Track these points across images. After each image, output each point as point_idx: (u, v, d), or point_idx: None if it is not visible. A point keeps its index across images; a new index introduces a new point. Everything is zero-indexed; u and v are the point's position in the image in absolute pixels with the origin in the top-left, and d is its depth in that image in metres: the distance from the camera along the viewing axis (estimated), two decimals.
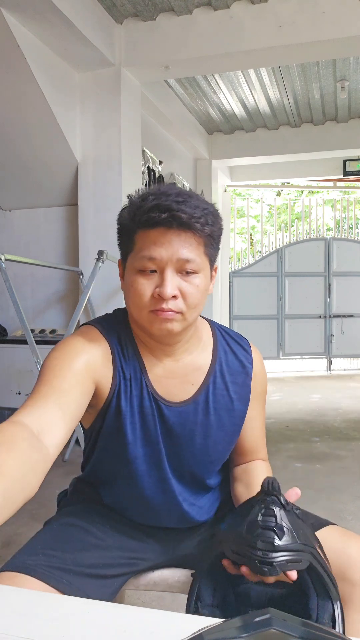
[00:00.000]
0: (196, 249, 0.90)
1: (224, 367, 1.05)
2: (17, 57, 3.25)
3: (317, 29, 3.48)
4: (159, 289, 0.88)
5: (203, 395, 1.02)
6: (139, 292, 0.90)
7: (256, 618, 0.50)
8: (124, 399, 0.97)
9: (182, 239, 0.88)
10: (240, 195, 11.13)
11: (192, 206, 0.87)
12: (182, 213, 0.85)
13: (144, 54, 3.79)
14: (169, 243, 0.87)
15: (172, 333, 0.93)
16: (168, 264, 0.88)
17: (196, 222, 0.87)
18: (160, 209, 0.86)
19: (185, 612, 0.86)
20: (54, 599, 0.74)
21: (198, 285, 0.91)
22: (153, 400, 0.99)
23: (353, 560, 0.94)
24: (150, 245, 0.88)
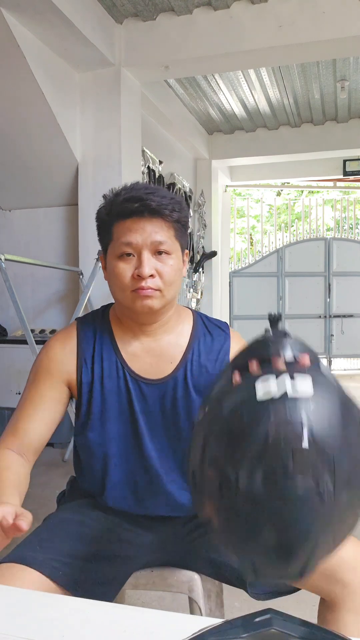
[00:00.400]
0: (167, 232, 1.00)
1: (202, 346, 1.11)
2: (17, 57, 3.25)
3: (317, 29, 3.48)
4: (138, 269, 0.98)
5: (182, 372, 1.07)
6: (120, 275, 1.00)
7: (256, 618, 0.51)
8: (97, 383, 1.05)
9: (154, 224, 0.99)
10: (240, 195, 11.13)
11: (160, 196, 0.99)
12: (151, 202, 0.97)
13: (144, 54, 3.79)
14: (142, 229, 0.98)
15: (153, 310, 1.02)
16: (143, 247, 0.99)
17: (164, 208, 0.98)
18: (132, 200, 0.98)
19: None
20: (54, 599, 0.74)
21: (172, 265, 1.01)
22: (130, 380, 1.05)
23: (344, 561, 0.94)
24: (126, 233, 0.99)
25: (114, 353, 1.07)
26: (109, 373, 1.06)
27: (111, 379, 1.05)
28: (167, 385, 1.07)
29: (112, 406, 1.06)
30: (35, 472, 1.07)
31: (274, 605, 0.56)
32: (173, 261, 1.02)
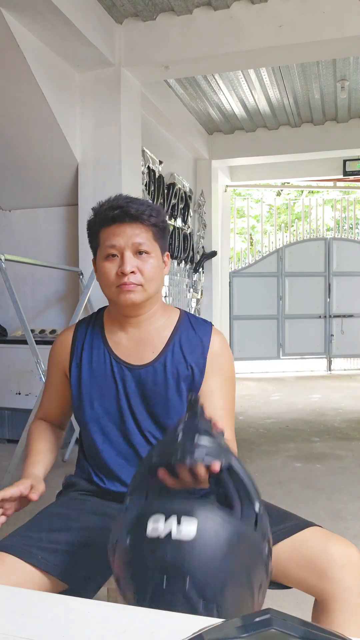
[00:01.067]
0: (146, 235, 1.14)
1: (183, 339, 1.20)
2: (17, 57, 3.25)
3: (317, 29, 3.48)
4: (121, 267, 1.12)
5: (162, 360, 1.18)
6: (107, 273, 1.14)
7: (256, 618, 0.51)
8: (86, 367, 1.19)
9: (134, 228, 1.12)
10: (240, 195, 11.13)
11: (139, 204, 1.13)
12: (130, 208, 1.11)
13: (144, 54, 3.79)
14: (124, 232, 1.12)
15: (135, 302, 1.15)
16: (125, 248, 1.12)
17: (142, 214, 1.12)
18: (114, 208, 1.12)
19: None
20: (54, 599, 0.74)
21: (152, 263, 1.14)
22: (115, 365, 1.18)
23: (334, 560, 0.96)
24: (110, 237, 1.13)
25: (102, 342, 1.21)
26: (97, 359, 1.20)
27: (99, 364, 1.19)
28: (147, 371, 1.17)
29: (100, 387, 1.18)
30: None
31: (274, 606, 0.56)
32: (153, 260, 1.15)
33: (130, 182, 4.02)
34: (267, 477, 3.17)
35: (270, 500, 1.20)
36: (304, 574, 0.98)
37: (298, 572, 0.99)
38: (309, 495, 2.90)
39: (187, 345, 1.19)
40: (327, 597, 0.95)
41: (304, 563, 0.98)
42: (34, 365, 2.96)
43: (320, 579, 0.96)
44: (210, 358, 1.19)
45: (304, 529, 1.03)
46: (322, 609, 0.97)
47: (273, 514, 1.11)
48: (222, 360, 1.21)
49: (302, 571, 0.99)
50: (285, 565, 1.00)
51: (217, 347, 1.21)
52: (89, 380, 1.19)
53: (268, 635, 0.49)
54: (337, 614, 0.94)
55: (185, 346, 1.19)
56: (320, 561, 0.96)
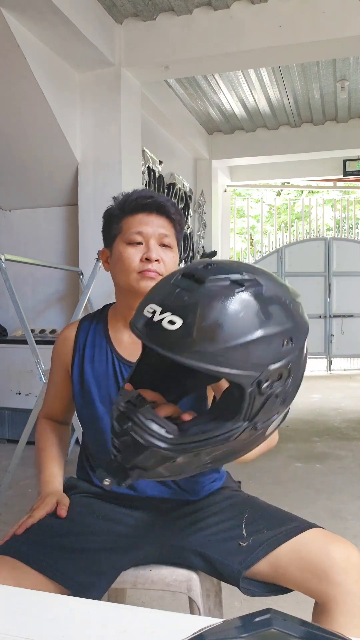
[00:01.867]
0: (170, 229, 1.16)
1: None
2: (17, 57, 3.25)
3: (317, 29, 3.48)
4: (147, 253, 1.12)
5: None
6: (130, 258, 1.13)
7: (256, 618, 0.51)
8: (88, 366, 1.18)
9: (161, 220, 1.15)
10: (240, 195, 11.13)
11: (166, 199, 1.17)
12: (159, 199, 1.15)
13: (144, 54, 3.79)
14: (152, 222, 1.14)
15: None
16: (152, 237, 1.14)
17: (168, 207, 1.16)
18: (144, 197, 1.14)
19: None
20: (54, 599, 0.74)
21: (172, 257, 1.17)
22: (117, 363, 1.17)
23: (335, 562, 0.95)
24: (138, 224, 1.14)
25: (105, 340, 1.20)
26: (99, 357, 1.18)
27: (101, 362, 1.18)
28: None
29: (101, 386, 1.17)
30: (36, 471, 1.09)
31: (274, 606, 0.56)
32: (173, 254, 1.17)
33: (130, 182, 4.02)
34: (267, 477, 3.17)
35: (270, 500, 1.20)
36: (304, 576, 0.98)
37: (299, 574, 0.99)
38: (309, 495, 2.90)
39: None
40: (327, 600, 0.95)
41: (304, 565, 0.98)
42: (34, 365, 2.96)
43: (321, 582, 0.95)
44: None
45: (305, 531, 1.02)
46: (323, 611, 0.96)
47: (274, 516, 1.11)
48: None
49: (303, 573, 0.98)
50: (286, 567, 1.00)
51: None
52: (91, 378, 1.18)
53: (268, 635, 0.48)
54: (338, 617, 0.93)
55: None
56: (322, 563, 0.96)
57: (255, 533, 1.05)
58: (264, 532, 1.05)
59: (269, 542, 1.03)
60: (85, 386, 1.18)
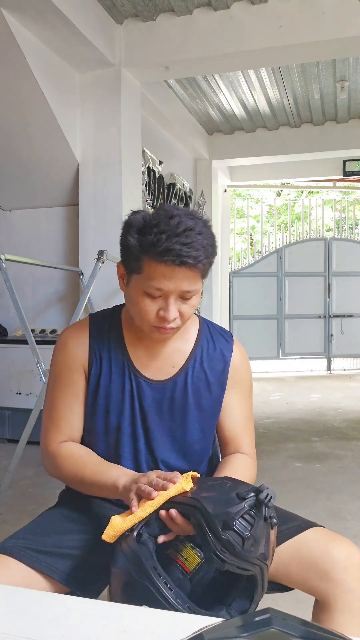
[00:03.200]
0: (195, 280, 1.02)
1: (204, 354, 1.17)
2: (17, 57, 3.25)
3: (317, 29, 3.48)
4: (163, 312, 1.02)
5: (182, 376, 1.14)
6: (145, 310, 1.03)
7: (256, 618, 0.51)
8: (105, 377, 1.12)
9: (186, 275, 1.00)
10: (240, 196, 11.13)
11: (198, 247, 0.97)
12: (189, 258, 0.96)
13: (144, 54, 3.79)
14: (174, 277, 0.99)
15: (167, 340, 1.12)
16: (172, 294, 1.01)
17: (200, 263, 0.98)
18: (170, 254, 0.95)
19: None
20: (54, 599, 0.74)
21: (193, 304, 1.06)
22: (134, 378, 1.12)
23: (336, 561, 0.96)
24: (158, 278, 0.99)
25: (122, 352, 1.14)
26: (116, 370, 1.13)
27: (117, 375, 1.12)
28: (167, 387, 1.13)
29: (116, 400, 1.12)
30: (36, 472, 1.09)
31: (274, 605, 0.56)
32: (195, 300, 1.06)
33: (130, 182, 4.02)
34: (267, 477, 3.17)
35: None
36: (306, 575, 0.98)
37: (300, 572, 0.99)
38: (309, 495, 2.90)
39: (208, 361, 1.16)
40: (328, 598, 0.95)
41: (306, 564, 0.98)
42: (34, 365, 2.96)
43: (322, 580, 0.95)
44: (231, 372, 1.17)
45: (306, 530, 1.03)
46: (323, 609, 0.96)
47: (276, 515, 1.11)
48: (242, 374, 1.19)
49: (304, 572, 0.98)
50: (287, 566, 1.00)
51: (238, 361, 1.18)
52: (106, 390, 1.12)
53: (268, 634, 0.49)
54: (338, 615, 0.93)
55: (206, 362, 1.15)
56: (323, 562, 0.96)
57: None
58: None
59: None
60: (100, 397, 1.13)
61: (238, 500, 0.85)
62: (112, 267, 3.76)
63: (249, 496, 0.85)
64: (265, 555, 0.83)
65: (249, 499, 0.85)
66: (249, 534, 0.81)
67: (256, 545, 0.81)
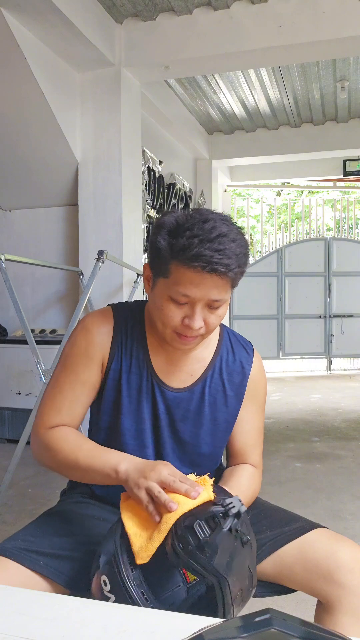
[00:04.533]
0: (225, 289, 0.98)
1: (224, 364, 1.13)
2: (17, 57, 3.25)
3: (317, 29, 3.48)
4: (189, 320, 0.98)
5: (200, 387, 1.11)
6: (169, 316, 0.99)
7: (256, 618, 0.51)
8: (124, 375, 1.08)
9: (216, 283, 0.95)
10: (240, 196, 11.13)
11: (230, 255, 0.93)
12: (220, 266, 0.92)
13: (144, 54, 3.79)
14: (203, 284, 0.94)
15: (189, 351, 1.08)
16: (199, 301, 0.97)
17: (231, 272, 0.94)
18: (202, 260, 0.91)
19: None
20: (54, 599, 0.74)
21: (220, 314, 1.01)
22: (152, 382, 1.09)
23: (341, 563, 0.95)
24: (186, 284, 0.94)
25: (143, 353, 1.10)
26: (135, 370, 1.09)
27: (136, 375, 1.09)
28: (183, 396, 1.10)
29: (131, 401, 1.09)
30: (36, 472, 1.08)
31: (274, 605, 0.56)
32: (223, 309, 1.01)
33: (130, 182, 4.02)
34: (267, 477, 3.17)
35: (270, 501, 1.20)
36: (310, 577, 0.97)
37: (304, 574, 0.98)
38: (309, 495, 2.90)
39: (227, 372, 1.13)
40: (332, 600, 0.94)
41: (310, 565, 0.97)
42: (34, 365, 2.96)
43: (327, 582, 0.95)
44: (249, 385, 1.15)
45: (310, 531, 1.02)
46: (327, 611, 0.96)
47: (277, 516, 1.11)
48: (259, 388, 1.17)
49: (308, 574, 0.98)
50: (290, 567, 1.00)
51: (256, 374, 1.16)
52: (123, 388, 1.09)
53: (268, 635, 0.49)
54: (342, 617, 0.93)
55: (225, 373, 1.12)
56: (327, 564, 0.95)
57: (259, 534, 1.04)
58: (267, 532, 1.05)
59: (272, 541, 1.02)
60: (114, 394, 1.09)
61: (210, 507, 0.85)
62: (112, 267, 3.76)
63: (217, 504, 0.85)
64: (228, 569, 0.79)
65: (217, 505, 0.84)
66: (206, 538, 0.79)
67: (214, 553, 0.78)
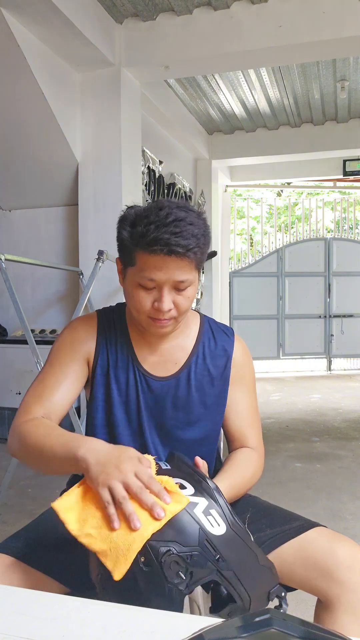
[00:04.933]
0: (189, 269, 1.02)
1: (206, 350, 1.18)
2: (17, 57, 3.25)
3: (317, 29, 3.48)
4: (158, 303, 1.02)
5: (185, 373, 1.15)
6: (140, 302, 1.04)
7: (256, 618, 0.51)
8: (112, 371, 1.13)
9: (178, 265, 0.99)
10: (240, 196, 11.13)
11: (187, 236, 0.97)
12: (178, 247, 0.96)
13: (144, 54, 3.79)
14: (166, 267, 0.99)
15: (166, 334, 1.11)
16: (165, 284, 1.01)
17: (190, 251, 0.98)
18: (159, 243, 0.96)
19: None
20: (54, 599, 0.74)
21: (189, 295, 1.06)
22: (139, 374, 1.13)
23: (341, 561, 0.96)
24: (150, 269, 1.00)
25: (127, 347, 1.15)
26: (121, 364, 1.14)
27: (122, 370, 1.14)
28: (170, 383, 1.14)
29: (120, 393, 1.14)
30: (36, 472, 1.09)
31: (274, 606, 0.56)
32: (191, 291, 1.05)
33: (130, 182, 4.02)
34: (267, 477, 3.17)
35: (270, 500, 1.20)
36: (309, 575, 0.98)
37: (303, 572, 0.99)
38: (309, 495, 2.90)
39: (211, 357, 1.17)
40: (332, 598, 0.95)
41: (309, 564, 0.98)
42: (34, 365, 2.96)
43: (326, 580, 0.95)
44: (234, 368, 1.18)
45: (309, 530, 1.03)
46: (326, 609, 0.96)
47: (277, 515, 1.11)
48: (244, 369, 1.20)
49: (307, 572, 0.98)
50: (290, 566, 1.00)
51: (239, 356, 1.19)
52: (114, 383, 1.14)
53: (268, 635, 0.49)
54: (342, 615, 0.93)
55: (209, 358, 1.16)
56: (326, 562, 0.96)
57: (258, 532, 1.04)
58: (266, 530, 1.05)
59: (272, 540, 1.03)
60: (108, 389, 1.14)
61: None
62: (112, 267, 3.76)
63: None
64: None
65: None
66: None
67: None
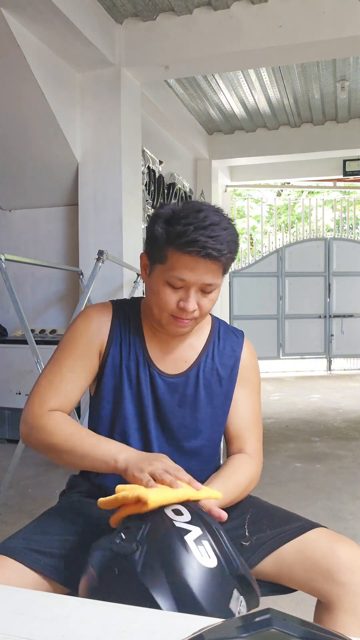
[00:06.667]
0: (218, 273, 1.06)
1: (216, 350, 1.20)
2: (17, 57, 3.25)
3: (317, 29, 3.48)
4: (183, 303, 1.05)
5: (194, 371, 1.17)
6: (165, 300, 1.06)
7: (256, 618, 0.51)
8: (124, 362, 1.14)
9: (209, 268, 1.03)
10: (240, 196, 11.13)
11: (222, 241, 1.00)
12: (213, 251, 1.00)
13: (144, 54, 3.79)
14: (197, 269, 1.02)
15: (184, 334, 1.13)
16: (194, 285, 1.04)
17: (223, 256, 1.02)
18: (196, 245, 0.99)
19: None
20: (54, 599, 0.74)
21: (213, 298, 1.09)
22: (148, 369, 1.15)
23: (341, 562, 0.95)
24: (181, 269, 1.02)
25: (140, 342, 1.16)
26: (133, 358, 1.15)
27: (134, 362, 1.15)
28: (179, 381, 1.15)
29: (129, 388, 1.14)
30: (36, 472, 1.09)
31: (274, 606, 0.56)
32: (215, 294, 1.09)
33: (130, 182, 4.02)
34: (267, 477, 3.17)
35: (270, 501, 1.20)
36: (309, 576, 0.98)
37: (303, 573, 0.98)
38: (309, 495, 2.90)
39: (219, 356, 1.19)
40: (332, 599, 0.95)
41: (309, 565, 0.98)
42: (34, 365, 2.96)
43: (327, 581, 0.95)
44: (241, 369, 1.20)
45: (309, 530, 1.03)
46: (326, 610, 0.96)
47: (277, 516, 1.11)
48: (251, 372, 1.22)
49: (307, 573, 0.98)
50: (290, 566, 1.00)
51: (247, 358, 1.22)
52: (125, 374, 1.14)
53: (268, 635, 0.49)
54: (342, 616, 0.93)
55: (218, 357, 1.19)
56: (327, 563, 0.96)
57: (258, 532, 1.05)
58: (266, 531, 1.05)
59: (272, 541, 1.03)
60: (119, 381, 1.14)
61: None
62: (112, 267, 3.76)
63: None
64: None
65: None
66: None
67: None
